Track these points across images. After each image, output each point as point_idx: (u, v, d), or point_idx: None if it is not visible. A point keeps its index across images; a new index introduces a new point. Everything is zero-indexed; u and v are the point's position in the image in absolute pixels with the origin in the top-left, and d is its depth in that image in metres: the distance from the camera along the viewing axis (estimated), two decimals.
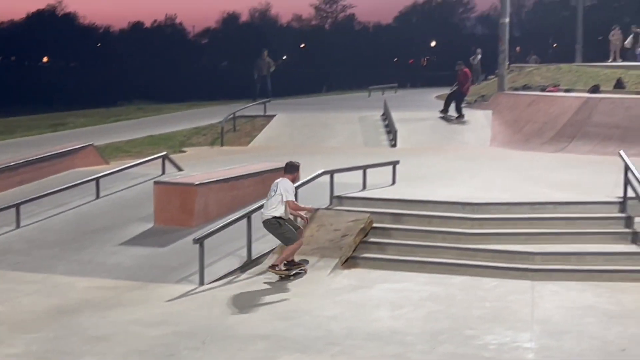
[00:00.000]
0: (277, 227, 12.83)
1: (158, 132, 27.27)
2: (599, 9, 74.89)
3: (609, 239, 13.69)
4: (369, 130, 27.15)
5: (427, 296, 11.85)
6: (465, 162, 20.80)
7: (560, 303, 11.46)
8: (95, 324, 10.74)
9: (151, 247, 14.52)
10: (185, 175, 17.23)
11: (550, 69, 36.78)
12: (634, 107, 23.59)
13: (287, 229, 12.87)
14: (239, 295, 12.04)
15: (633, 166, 14.10)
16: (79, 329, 10.56)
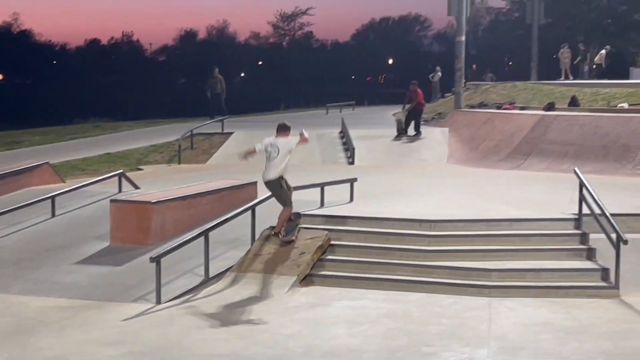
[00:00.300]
0: (279, 188, 14.00)
1: (115, 150, 27.12)
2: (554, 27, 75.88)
3: (564, 255, 13.80)
4: (327, 147, 27.22)
5: (384, 313, 11.87)
6: (422, 179, 20.91)
7: (517, 319, 11.52)
8: (50, 344, 10.63)
9: (107, 265, 14.41)
10: (142, 194, 17.14)
11: (506, 87, 37.20)
12: (588, 124, 23.87)
13: (284, 192, 14.07)
14: (197, 313, 11.98)
15: (588, 183, 14.25)
16: (35, 349, 10.44)
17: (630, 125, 22.97)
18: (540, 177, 21.12)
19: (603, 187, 16.17)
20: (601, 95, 30.31)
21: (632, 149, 22.11)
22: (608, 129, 23.20)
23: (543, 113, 26.61)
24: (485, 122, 27.68)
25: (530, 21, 46.27)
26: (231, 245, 14.62)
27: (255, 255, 13.95)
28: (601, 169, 21.53)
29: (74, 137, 32.53)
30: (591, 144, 23.01)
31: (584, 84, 34.53)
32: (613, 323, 11.37)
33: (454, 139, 27.58)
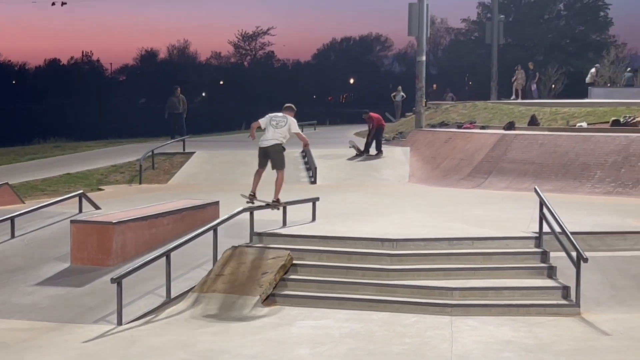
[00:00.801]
0: (281, 151, 16.14)
1: (75, 170, 26.91)
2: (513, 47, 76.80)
3: (525, 273, 13.89)
4: (289, 167, 26.83)
5: (347, 333, 11.85)
6: (384, 198, 20.97)
7: (479, 338, 11.56)
8: None
9: (68, 287, 14.26)
10: (102, 214, 17.00)
11: (467, 106, 37.45)
12: (548, 143, 24.10)
13: (283, 156, 16.34)
14: (158, 334, 11.89)
15: (548, 202, 14.36)
16: None
17: (589, 144, 23.23)
18: (501, 196, 21.27)
19: (563, 205, 16.32)
20: (560, 114, 30.60)
21: (591, 167, 22.36)
22: (567, 148, 23.45)
23: (503, 132, 26.83)
24: (446, 142, 27.84)
25: (490, 41, 46.67)
26: (193, 266, 14.53)
27: (217, 276, 13.89)
28: (561, 187, 21.74)
29: (34, 157, 32.24)
30: (551, 162, 23.24)
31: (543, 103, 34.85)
32: (574, 341, 11.44)
33: (415, 158, 27.71)
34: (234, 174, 26.44)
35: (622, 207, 18.45)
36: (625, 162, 22.03)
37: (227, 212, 15.13)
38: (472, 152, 25.77)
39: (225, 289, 13.50)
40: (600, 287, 13.43)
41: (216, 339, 11.63)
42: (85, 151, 34.49)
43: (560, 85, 49.92)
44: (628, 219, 16.38)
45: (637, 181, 21.25)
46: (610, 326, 12.08)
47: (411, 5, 31.92)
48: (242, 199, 15.85)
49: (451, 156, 26.48)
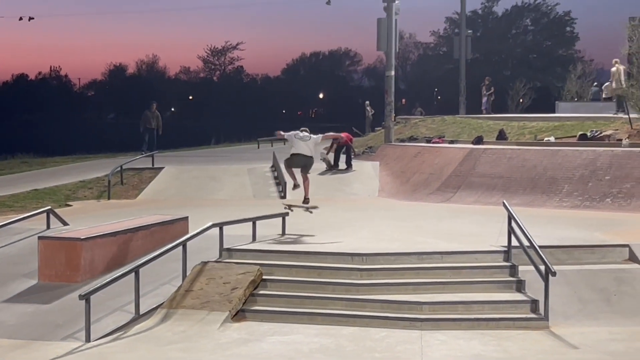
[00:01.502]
0: (310, 161, 18.01)
1: (43, 186, 26.70)
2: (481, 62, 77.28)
3: (494, 287, 13.94)
4: (259, 182, 27.19)
5: (317, 348, 11.84)
6: (354, 213, 21.00)
7: (448, 352, 11.59)
8: None
9: (35, 304, 14.15)
10: (71, 230, 16.90)
11: (435, 121, 37.62)
12: (516, 157, 24.25)
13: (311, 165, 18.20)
14: (127, 351, 11.82)
15: (516, 216, 14.44)
16: None
17: (557, 158, 23.39)
18: (470, 210, 21.36)
19: (531, 219, 16.43)
20: (528, 128, 30.82)
21: (558, 181, 22.51)
22: (535, 162, 23.60)
23: (472, 146, 26.97)
24: (415, 156, 27.94)
25: (458, 56, 46.97)
26: (162, 282, 14.47)
27: (187, 291, 13.84)
28: (529, 202, 21.87)
29: (1, 173, 31.96)
30: (519, 176, 23.37)
31: (511, 117, 35.08)
32: (542, 354, 11.49)
33: (384, 173, 27.78)
34: (204, 189, 26.40)
35: (590, 220, 18.58)
36: (592, 176, 22.20)
37: (197, 228, 15.09)
38: (441, 167, 25.87)
39: (195, 305, 13.45)
40: (568, 301, 13.52)
41: (185, 355, 11.57)
42: (53, 167, 34.25)
43: (528, 100, 50.30)
44: (595, 233, 16.50)
45: (604, 195, 21.42)
46: (579, 339, 12.15)
47: (380, 20, 32.07)
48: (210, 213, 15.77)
49: (420, 170, 26.57)
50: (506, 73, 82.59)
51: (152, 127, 34.18)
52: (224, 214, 18.10)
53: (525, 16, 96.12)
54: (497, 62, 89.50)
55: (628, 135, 25.93)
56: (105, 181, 26.58)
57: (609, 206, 20.98)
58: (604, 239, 15.78)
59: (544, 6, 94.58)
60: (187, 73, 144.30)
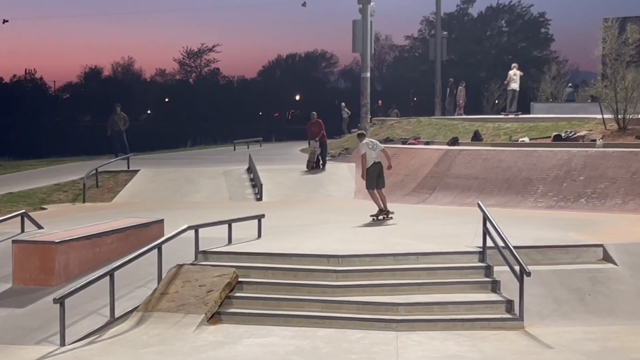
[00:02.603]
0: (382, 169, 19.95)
1: (17, 189, 26.54)
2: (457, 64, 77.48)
3: (469, 288, 13.99)
4: (234, 184, 27.16)
5: (293, 350, 11.84)
6: (330, 215, 21.01)
7: (424, 353, 11.62)
8: None
9: (9, 307, 14.07)
10: (45, 233, 16.82)
11: (411, 122, 37.66)
12: (491, 158, 24.33)
13: None
14: (102, 354, 11.77)
15: (491, 217, 14.50)
16: None
17: (532, 158, 23.49)
18: (446, 211, 21.43)
19: (506, 219, 16.50)
20: (503, 129, 30.92)
21: (533, 182, 22.61)
22: (510, 163, 23.69)
23: (447, 148, 27.04)
24: (391, 157, 27.92)
25: (434, 57, 47.06)
26: (137, 285, 14.43)
27: (162, 294, 13.80)
28: (504, 202, 21.95)
29: None
30: (494, 177, 23.46)
31: (486, 119, 35.16)
32: (518, 355, 11.55)
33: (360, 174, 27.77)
34: (180, 192, 26.34)
35: (564, 221, 18.68)
36: (566, 176, 22.32)
37: (172, 230, 15.05)
38: (416, 168, 25.93)
39: (170, 308, 13.42)
40: (543, 301, 13.59)
41: (161, 358, 11.54)
42: (27, 170, 34.04)
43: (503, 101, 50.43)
44: (570, 233, 16.59)
45: (579, 195, 21.54)
46: (554, 339, 12.22)
47: (355, 22, 32.10)
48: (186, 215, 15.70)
49: (396, 172, 26.57)
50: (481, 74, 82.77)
51: (120, 129, 33.97)
52: (200, 217, 18.08)
53: (500, 17, 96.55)
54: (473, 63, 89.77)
55: (602, 135, 26.08)
56: (80, 184, 26.46)
57: (583, 206, 21.09)
58: (578, 239, 15.86)
59: (519, 8, 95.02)
60: (163, 75, 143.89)
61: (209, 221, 16.08)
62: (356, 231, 17.74)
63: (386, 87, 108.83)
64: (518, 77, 36.96)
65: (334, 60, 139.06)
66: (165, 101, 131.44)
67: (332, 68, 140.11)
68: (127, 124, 34.28)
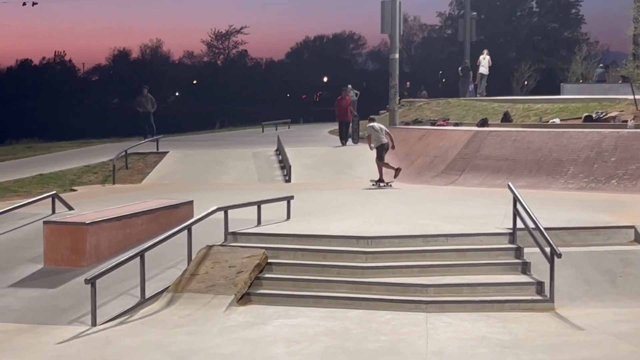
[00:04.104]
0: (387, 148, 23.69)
1: (47, 171, 26.73)
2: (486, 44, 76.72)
3: (499, 269, 13.93)
4: (263, 166, 27.19)
5: (322, 331, 11.85)
6: (358, 196, 20.99)
7: (454, 334, 11.59)
8: None
9: (41, 288, 14.18)
10: (76, 215, 16.91)
11: (440, 104, 37.48)
12: (521, 139, 24.19)
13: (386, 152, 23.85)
14: (133, 335, 11.84)
15: (521, 198, 14.42)
16: None
17: (562, 140, 23.33)
18: (475, 192, 21.34)
19: (536, 201, 16.42)
20: (533, 110, 30.72)
21: (563, 163, 22.46)
22: (540, 144, 23.54)
23: (477, 129, 26.91)
24: (420, 139, 27.90)
25: (463, 38, 46.76)
26: (167, 266, 14.49)
27: (192, 275, 13.85)
28: (534, 184, 21.84)
29: (5, 159, 31.99)
30: (524, 158, 23.33)
31: (516, 100, 34.96)
32: (548, 336, 11.49)
33: (389, 156, 27.71)
34: (208, 173, 26.41)
35: (595, 202, 18.55)
36: (597, 157, 22.15)
37: (202, 212, 15.09)
38: (445, 149, 25.83)
39: (200, 289, 13.46)
40: (574, 282, 13.51)
41: (191, 338, 11.59)
42: (57, 152, 34.28)
43: (532, 82, 50.13)
44: (601, 214, 16.47)
45: (610, 176, 21.37)
46: (584, 321, 12.15)
47: (384, 3, 31.94)
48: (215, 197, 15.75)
49: (425, 153, 26.54)
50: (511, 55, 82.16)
51: (147, 110, 34.06)
52: (229, 198, 18.11)
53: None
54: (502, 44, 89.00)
55: (633, 116, 25.83)
56: (110, 166, 26.59)
57: (614, 188, 20.93)
58: (609, 221, 15.74)
59: None
60: (190, 57, 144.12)
61: (238, 202, 16.09)
62: (385, 213, 17.70)
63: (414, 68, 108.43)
64: (487, 61, 40.26)
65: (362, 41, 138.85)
66: (193, 83, 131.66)
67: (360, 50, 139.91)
68: (155, 106, 34.38)
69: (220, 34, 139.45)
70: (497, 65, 44.62)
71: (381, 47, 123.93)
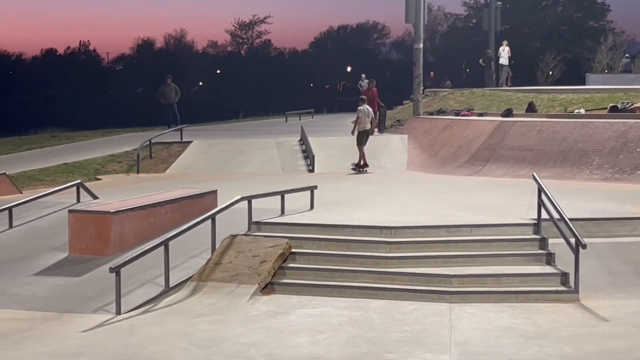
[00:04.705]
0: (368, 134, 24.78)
1: (72, 160, 26.88)
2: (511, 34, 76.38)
3: (524, 260, 13.88)
4: (287, 155, 27.21)
5: (346, 321, 11.85)
6: (382, 186, 20.95)
7: (478, 325, 11.56)
8: (8, 357, 10.48)
9: (66, 276, 14.25)
10: (100, 204, 16.97)
11: (464, 94, 37.37)
12: (546, 130, 24.07)
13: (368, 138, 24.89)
14: (157, 323, 11.88)
15: (546, 188, 14.35)
16: None
17: (587, 130, 23.20)
18: (499, 183, 21.26)
19: (561, 192, 16.32)
20: (558, 101, 30.57)
21: (589, 154, 22.34)
22: (565, 134, 23.42)
23: (501, 119, 26.80)
24: (444, 129, 27.82)
25: (487, 28, 46.54)
26: (191, 255, 14.53)
27: (216, 264, 13.88)
28: (559, 174, 21.73)
29: (31, 148, 32.18)
30: (549, 149, 23.22)
31: (541, 90, 34.81)
32: (573, 327, 11.44)
33: (413, 146, 27.69)
34: (232, 163, 26.47)
35: (620, 193, 18.45)
36: (623, 148, 22.01)
37: (225, 201, 15.11)
38: (470, 140, 25.75)
39: (224, 278, 13.49)
40: (598, 273, 13.44)
41: (215, 327, 11.62)
42: (82, 141, 34.44)
43: (558, 72, 49.88)
44: (626, 205, 16.38)
45: (635, 167, 21.23)
46: (609, 312, 12.09)
47: None
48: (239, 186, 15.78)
49: (449, 144, 26.46)
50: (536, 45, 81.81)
51: (171, 101, 34.11)
52: (253, 188, 18.13)
53: None
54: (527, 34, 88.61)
55: None
56: (134, 155, 26.69)
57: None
58: (635, 212, 15.65)
59: None
60: (214, 47, 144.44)
61: (261, 192, 16.11)
62: (408, 203, 17.66)
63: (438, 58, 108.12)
64: (506, 52, 40.50)
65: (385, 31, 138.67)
66: (216, 73, 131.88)
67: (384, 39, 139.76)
68: (179, 96, 34.46)
69: (244, 24, 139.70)
70: (522, 55, 44.54)
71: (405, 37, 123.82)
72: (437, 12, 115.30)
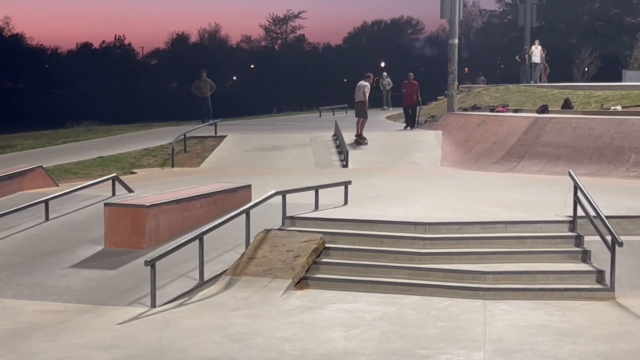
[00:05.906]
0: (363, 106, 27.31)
1: (107, 154, 27.06)
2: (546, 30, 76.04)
3: (559, 257, 13.80)
4: (320, 151, 27.22)
5: (380, 316, 11.84)
6: (416, 182, 20.92)
7: (512, 322, 11.51)
8: (45, 348, 10.57)
9: (102, 269, 14.35)
10: (136, 197, 17.07)
11: (499, 90, 37.20)
12: (582, 126, 23.91)
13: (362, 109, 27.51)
14: (191, 317, 11.94)
15: (582, 185, 14.25)
16: (29, 354, 10.38)
17: (624, 127, 23.02)
18: (534, 180, 21.15)
19: (597, 189, 16.20)
20: (594, 97, 30.35)
21: (625, 151, 22.16)
22: (602, 131, 23.25)
23: (536, 115, 26.66)
24: (479, 125, 27.71)
25: (523, 24, 46.30)
26: (226, 249, 14.58)
27: (250, 259, 13.92)
28: (595, 171, 21.58)
29: (67, 141, 32.42)
30: (585, 146, 23.06)
31: (577, 86, 34.57)
32: (609, 325, 11.36)
33: (447, 142, 27.61)
34: (266, 158, 26.52)
35: None
36: None
37: (260, 196, 15.14)
38: (505, 136, 25.63)
39: (258, 272, 13.53)
40: (635, 272, 13.33)
41: (249, 321, 11.66)
42: (117, 135, 34.67)
43: (594, 69, 49.50)
44: None
45: None
46: None
47: None
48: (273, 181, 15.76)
49: (484, 140, 26.35)
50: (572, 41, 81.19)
51: (205, 95, 34.24)
52: (287, 182, 18.17)
53: None
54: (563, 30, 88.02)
55: None
56: (168, 149, 26.83)
57: None
58: None
59: None
60: (248, 42, 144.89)
61: (295, 187, 16.13)
62: (442, 199, 17.62)
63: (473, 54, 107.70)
64: (539, 51, 40.80)
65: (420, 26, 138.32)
66: (250, 68, 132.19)
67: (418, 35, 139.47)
68: (213, 90, 34.59)
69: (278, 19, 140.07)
70: (558, 51, 44.26)
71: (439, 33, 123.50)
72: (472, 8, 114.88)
